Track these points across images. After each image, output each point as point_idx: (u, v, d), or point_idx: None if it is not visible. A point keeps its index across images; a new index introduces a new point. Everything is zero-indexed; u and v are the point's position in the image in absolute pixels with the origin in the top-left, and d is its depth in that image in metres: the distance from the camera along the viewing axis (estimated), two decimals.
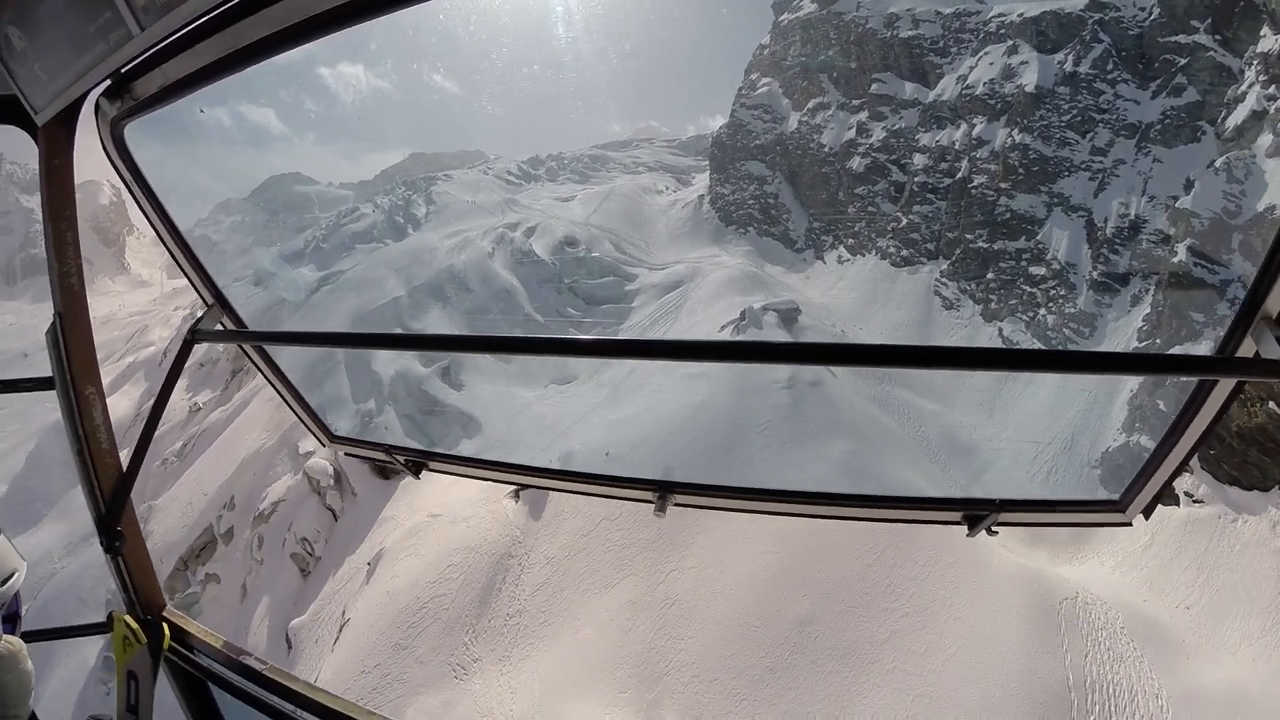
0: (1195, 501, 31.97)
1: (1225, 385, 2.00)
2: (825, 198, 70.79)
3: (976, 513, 2.50)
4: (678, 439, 41.23)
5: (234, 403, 58.74)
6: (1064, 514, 2.58)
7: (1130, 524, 2.47)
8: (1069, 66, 57.35)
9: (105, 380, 3.27)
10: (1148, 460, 2.30)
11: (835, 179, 70.35)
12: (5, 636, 2.45)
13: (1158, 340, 43.16)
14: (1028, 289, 53.72)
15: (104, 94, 2.42)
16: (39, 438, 76.66)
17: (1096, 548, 31.92)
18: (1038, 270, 54.13)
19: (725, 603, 27.77)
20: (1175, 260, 43.32)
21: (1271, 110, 43.14)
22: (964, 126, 61.57)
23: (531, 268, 70.11)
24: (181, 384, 64.34)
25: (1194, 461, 28.47)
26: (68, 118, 2.67)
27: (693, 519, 29.70)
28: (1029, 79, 58.51)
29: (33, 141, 2.83)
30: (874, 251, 64.74)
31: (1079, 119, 56.62)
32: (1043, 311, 52.10)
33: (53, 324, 3.01)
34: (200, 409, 63.19)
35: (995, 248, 56.55)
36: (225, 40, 2.00)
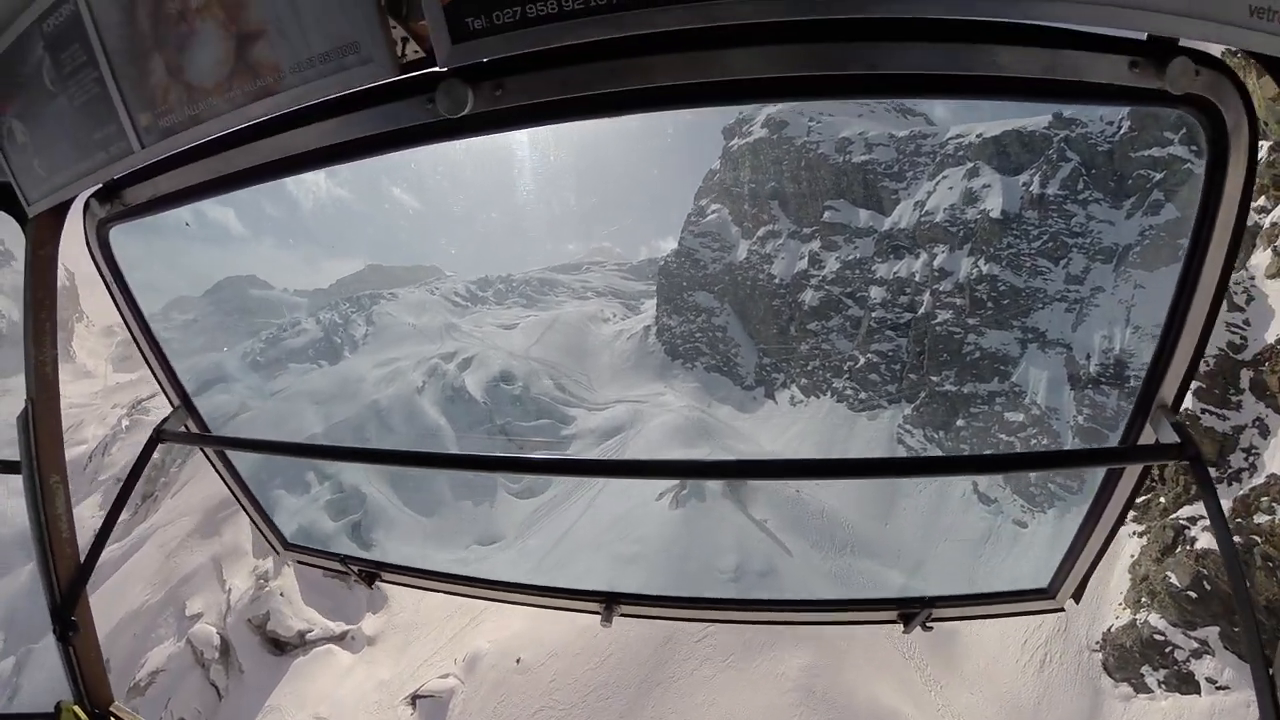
0: (1220, 688, 28.62)
1: (1133, 471, 2.25)
2: (776, 332, 64.31)
3: (910, 610, 2.67)
4: (599, 647, 34.27)
5: (130, 539, 51.26)
6: (996, 605, 2.81)
7: (1062, 609, 2.69)
8: (1035, 188, 51.29)
9: None
10: (1070, 547, 2.52)
11: (787, 312, 64.01)
12: None
13: (1161, 499, 35.19)
14: (1004, 438, 46.01)
15: (95, 195, 2.52)
16: None
17: None
18: (1015, 416, 46.65)
19: None
20: None
21: (1266, 224, 36.31)
22: (924, 256, 55.20)
23: (462, 406, 64.15)
24: (94, 499, 57.36)
25: (1215, 640, 29.24)
26: (58, 213, 2.75)
27: None
28: (993, 203, 52.35)
29: (20, 230, 2.90)
30: (829, 393, 57.40)
31: (1050, 244, 50.18)
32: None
33: (24, 410, 3.03)
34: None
35: (965, 391, 49.26)
36: (216, 164, 2.15)
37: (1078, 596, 2.61)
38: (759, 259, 68.46)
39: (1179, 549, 31.79)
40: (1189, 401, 33.56)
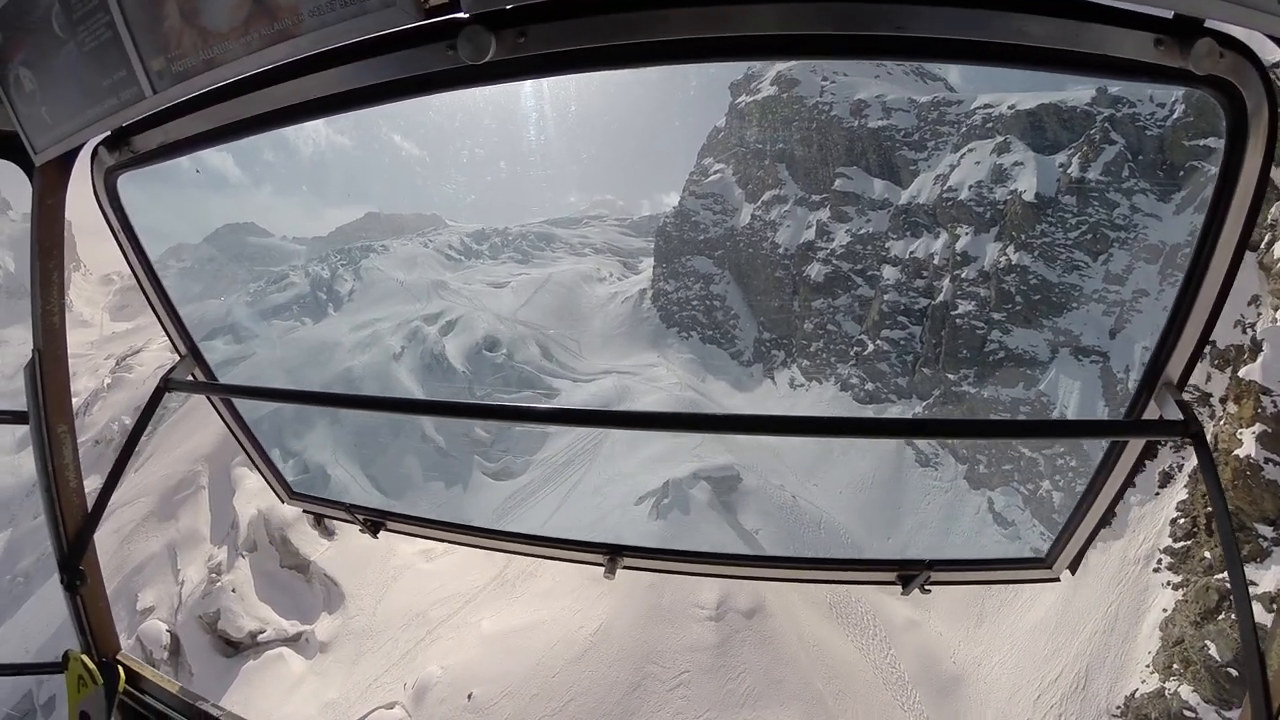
0: None
1: (1135, 445, 2.21)
2: (778, 306, 59.30)
3: (909, 572, 2.59)
4: (559, 689, 29.58)
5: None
6: (993, 572, 2.80)
7: (1059, 579, 2.67)
8: (1074, 171, 45.01)
9: None
10: (1069, 518, 2.47)
11: (790, 285, 58.83)
12: None
13: (1205, 552, 30.06)
14: (1027, 452, 40.39)
15: (103, 143, 2.50)
16: None
17: None
18: None
19: None
20: (1237, 453, 28.98)
21: None
22: (944, 236, 49.42)
23: (441, 376, 60.03)
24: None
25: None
26: (65, 161, 2.71)
27: None
28: (1025, 184, 46.20)
29: (27, 179, 2.85)
30: (833, 379, 52.09)
31: (1089, 236, 44.27)
32: (1047, 484, 38.89)
33: (31, 360, 3.00)
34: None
35: (985, 394, 43.87)
36: (229, 110, 2.12)
37: (1074, 568, 2.58)
38: (763, 225, 63.72)
39: (1222, 616, 26.81)
40: (1250, 448, 27.79)
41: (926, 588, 2.61)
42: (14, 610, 47.37)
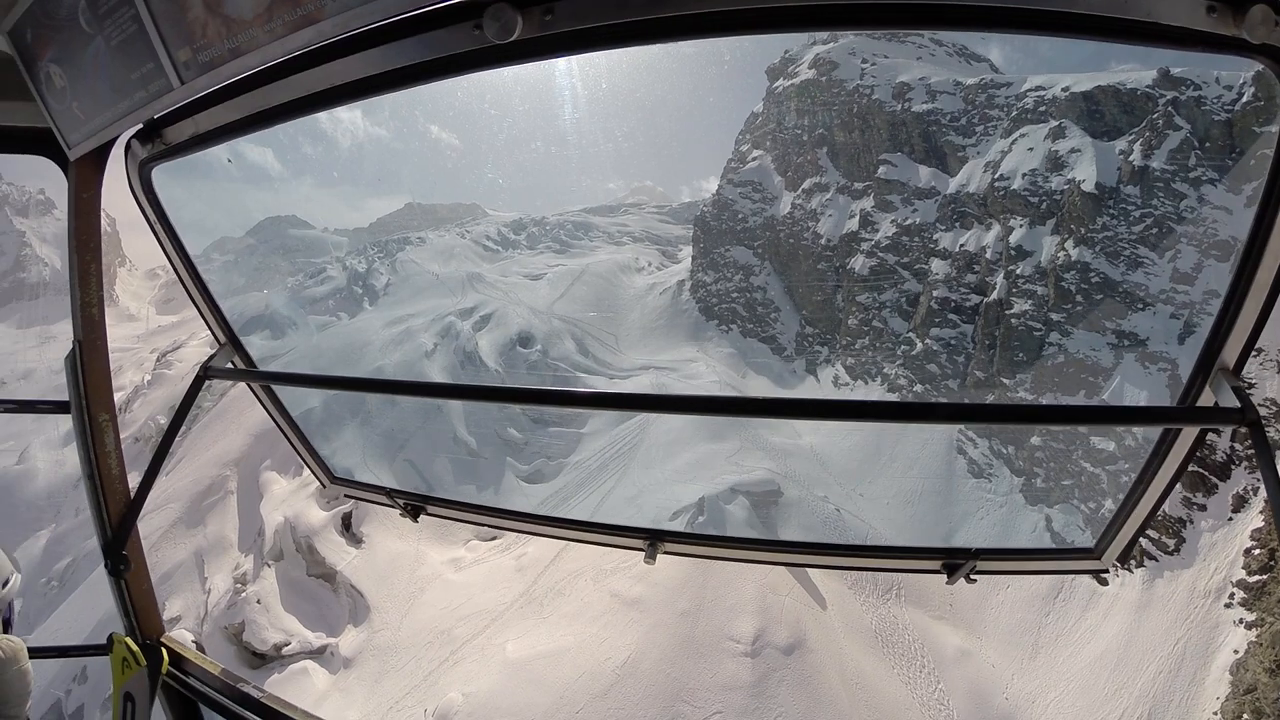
0: None
1: (1189, 433, 2.11)
2: (821, 300, 56.87)
3: (954, 561, 2.53)
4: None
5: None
6: (1041, 562, 2.67)
7: (1107, 571, 2.55)
8: (1137, 159, 41.47)
9: None
10: (1119, 508, 2.40)
11: (833, 278, 56.47)
12: (6, 636, 2.71)
13: (1264, 578, 27.37)
14: (1089, 467, 37.31)
15: (136, 136, 2.50)
16: None
17: None
18: (1105, 445, 37.65)
19: None
20: None
21: None
22: (996, 228, 46.37)
23: (471, 374, 58.29)
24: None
25: None
26: (99, 155, 2.75)
27: None
28: (1084, 172, 42.99)
29: (63, 174, 2.91)
30: (878, 379, 49.40)
31: (1155, 231, 41.02)
32: (1109, 503, 35.81)
33: (72, 351, 3.07)
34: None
35: (1043, 401, 40.38)
36: (256, 99, 2.09)
37: (1124, 559, 2.48)
38: (803, 214, 61.36)
39: None
40: None
41: (972, 577, 2.51)
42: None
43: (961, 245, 47.75)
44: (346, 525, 46.99)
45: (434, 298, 68.47)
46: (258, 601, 38.84)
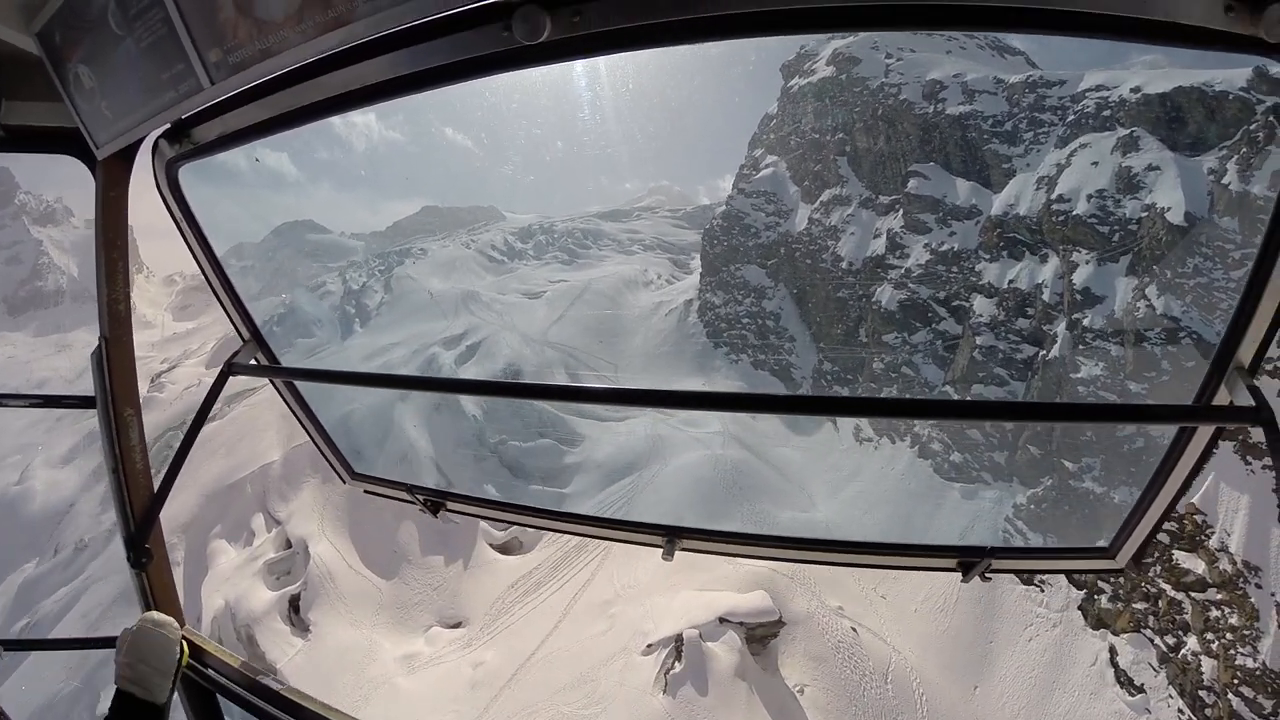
0: None
1: (1204, 432, 2.08)
2: (841, 333, 48.64)
3: (969, 559, 2.49)
4: None
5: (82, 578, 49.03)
6: (1055, 560, 2.66)
7: (1122, 570, 2.53)
8: (1232, 182, 31.75)
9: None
10: (1134, 507, 2.35)
11: (856, 309, 48.13)
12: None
13: None
14: (1170, 590, 27.33)
15: (163, 135, 2.52)
16: None
17: None
18: (1191, 563, 27.30)
19: None
20: None
21: None
22: (1055, 262, 36.97)
23: (449, 419, 50.97)
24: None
25: None
26: (127, 154, 2.75)
27: None
28: (1168, 198, 33.26)
29: (90, 175, 2.89)
30: (908, 439, 39.93)
31: None
32: (1212, 639, 25.99)
33: (98, 347, 3.05)
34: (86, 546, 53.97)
35: (1115, 498, 30.55)
36: (285, 99, 2.10)
37: (1138, 559, 2.41)
38: (822, 231, 54.02)
39: None
40: None
41: (987, 575, 2.48)
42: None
43: (1010, 282, 38.62)
44: (295, 608, 40.70)
45: (423, 320, 63.79)
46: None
